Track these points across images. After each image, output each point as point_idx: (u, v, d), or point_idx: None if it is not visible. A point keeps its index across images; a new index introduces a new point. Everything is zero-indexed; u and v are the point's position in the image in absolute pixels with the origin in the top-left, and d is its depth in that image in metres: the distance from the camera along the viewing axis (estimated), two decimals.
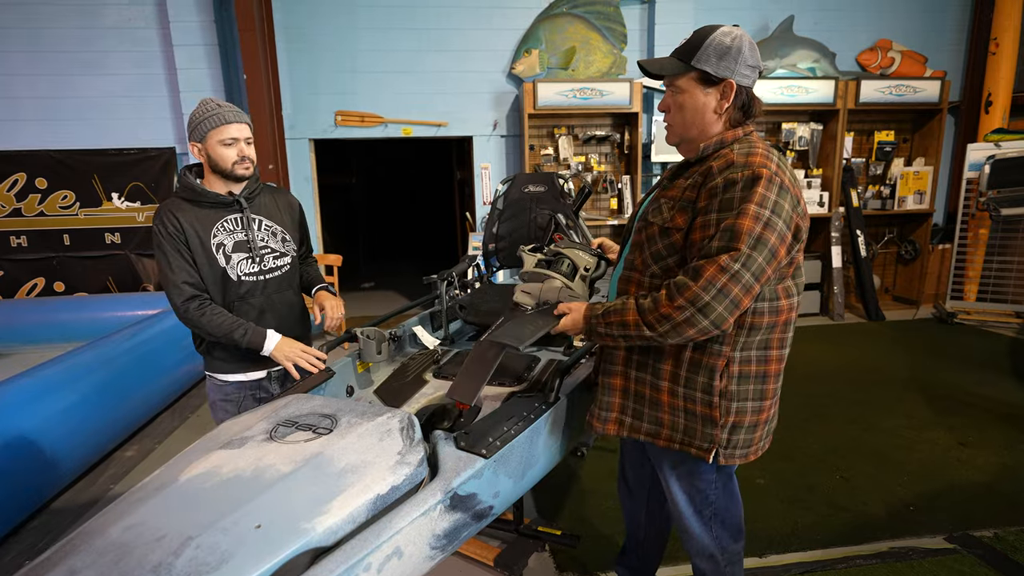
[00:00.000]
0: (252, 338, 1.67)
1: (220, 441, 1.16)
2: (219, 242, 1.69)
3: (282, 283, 1.82)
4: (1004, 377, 3.81)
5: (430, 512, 1.09)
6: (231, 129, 1.65)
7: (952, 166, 5.91)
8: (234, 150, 1.66)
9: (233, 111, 1.66)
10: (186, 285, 1.64)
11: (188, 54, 4.69)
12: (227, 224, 1.71)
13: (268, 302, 1.79)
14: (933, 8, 5.67)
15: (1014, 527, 2.23)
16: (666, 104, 1.28)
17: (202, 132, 1.64)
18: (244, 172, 1.70)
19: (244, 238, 1.73)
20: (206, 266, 1.67)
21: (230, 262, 1.70)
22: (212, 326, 1.65)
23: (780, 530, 2.24)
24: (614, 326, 1.25)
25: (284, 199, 1.89)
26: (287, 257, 1.83)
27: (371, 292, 7.53)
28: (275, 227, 1.81)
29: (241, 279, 1.72)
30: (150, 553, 0.86)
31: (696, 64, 1.19)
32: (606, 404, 1.41)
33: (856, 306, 5.64)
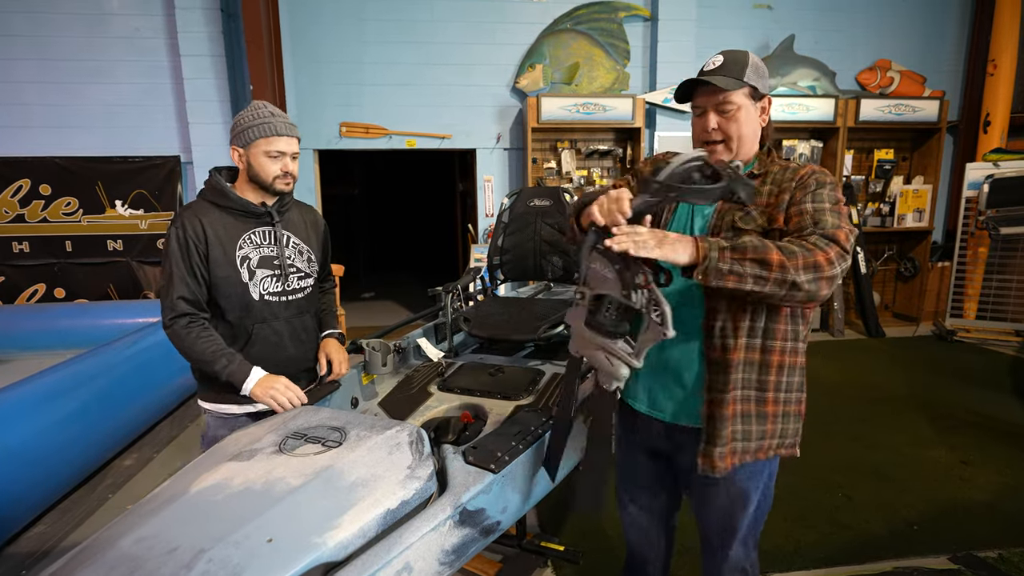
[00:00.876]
0: (235, 371, 1.51)
1: (230, 453, 1.15)
2: (244, 255, 1.57)
3: (303, 306, 1.71)
4: (1005, 395, 3.81)
5: (440, 527, 1.09)
6: (280, 142, 1.56)
7: (951, 185, 5.96)
8: (279, 164, 1.57)
9: (286, 123, 1.58)
10: (181, 301, 1.51)
11: (195, 64, 4.73)
12: (255, 236, 1.60)
13: (290, 327, 1.67)
14: (932, 29, 5.76)
15: (1018, 547, 2.22)
16: (716, 122, 1.25)
17: (248, 138, 1.54)
18: (284, 188, 1.61)
19: (271, 254, 1.61)
20: (226, 279, 1.55)
21: (254, 278, 1.58)
22: (194, 348, 1.50)
23: (783, 548, 2.23)
24: (747, 263, 1.08)
25: (312, 216, 1.80)
26: (311, 279, 1.73)
27: (371, 302, 7.53)
28: (302, 245, 1.71)
29: (265, 298, 1.60)
30: (162, 566, 0.86)
31: (747, 80, 1.23)
32: (722, 439, 1.26)
33: (856, 322, 5.66)
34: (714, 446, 1.26)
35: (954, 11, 5.77)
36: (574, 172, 5.37)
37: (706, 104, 1.24)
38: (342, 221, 8.87)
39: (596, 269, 1.12)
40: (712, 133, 1.24)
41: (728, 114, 1.23)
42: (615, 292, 1.09)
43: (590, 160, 5.46)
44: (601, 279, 1.11)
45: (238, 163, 1.59)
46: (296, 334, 1.69)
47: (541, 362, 2.22)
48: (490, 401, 1.85)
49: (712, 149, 1.25)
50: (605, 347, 1.11)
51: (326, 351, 1.77)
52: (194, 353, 1.51)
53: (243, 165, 1.58)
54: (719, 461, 1.27)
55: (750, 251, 1.08)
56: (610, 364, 1.11)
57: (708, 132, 1.24)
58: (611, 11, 5.26)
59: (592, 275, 1.12)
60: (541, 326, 2.17)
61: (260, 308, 1.59)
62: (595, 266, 1.12)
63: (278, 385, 1.52)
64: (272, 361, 1.61)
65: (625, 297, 1.09)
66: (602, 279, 1.11)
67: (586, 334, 1.12)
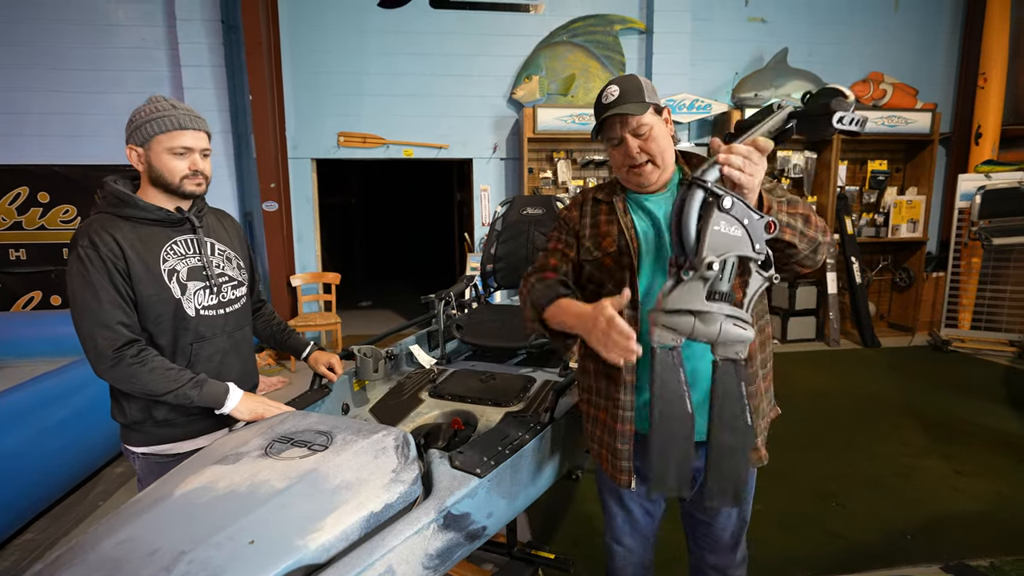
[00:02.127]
0: (210, 392, 1.36)
1: (215, 456, 1.16)
2: (171, 268, 1.37)
3: (241, 318, 1.54)
4: (999, 405, 3.81)
5: (423, 531, 1.09)
6: (185, 137, 1.35)
7: (944, 196, 6.00)
8: (186, 162, 1.36)
9: (190, 115, 1.37)
10: (121, 327, 1.29)
11: (195, 75, 4.78)
12: (177, 247, 1.40)
13: (232, 342, 1.50)
14: (923, 42, 5.83)
15: (1010, 556, 2.21)
16: (638, 146, 1.26)
17: (147, 134, 1.33)
18: (195, 189, 1.40)
19: (199, 264, 1.42)
20: (154, 298, 1.34)
21: (186, 292, 1.39)
22: (154, 380, 1.30)
23: (776, 557, 2.23)
24: (799, 218, 1.11)
25: (230, 221, 1.62)
26: (244, 287, 1.55)
27: (369, 311, 7.54)
28: (229, 252, 1.53)
29: (200, 314, 1.41)
30: (142, 568, 0.86)
31: (649, 100, 1.26)
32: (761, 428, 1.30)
33: (852, 332, 5.67)
34: (755, 437, 1.30)
35: (945, 25, 5.86)
36: (570, 182, 5.40)
37: (622, 133, 1.26)
38: (340, 230, 8.90)
39: (721, 231, 0.98)
40: (638, 156, 1.26)
41: (644, 136, 1.25)
42: (746, 249, 1.00)
43: (586, 170, 5.50)
44: (729, 240, 0.99)
45: (137, 165, 1.38)
46: (239, 349, 1.52)
47: (533, 369, 2.23)
48: (481, 408, 1.86)
49: (641, 170, 1.27)
50: (733, 314, 1.00)
51: (327, 363, 1.75)
52: (154, 384, 1.30)
53: (143, 167, 1.37)
54: (763, 448, 1.33)
55: (800, 207, 1.12)
56: (742, 329, 1.00)
57: (633, 157, 1.26)
58: (607, 24, 5.33)
59: (717, 238, 0.98)
60: (533, 334, 2.18)
61: (198, 325, 1.41)
62: (719, 227, 0.98)
63: (266, 404, 1.42)
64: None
65: (757, 251, 1.00)
66: (731, 239, 0.99)
67: (711, 308, 0.99)
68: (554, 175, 5.44)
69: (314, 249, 5.45)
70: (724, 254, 0.98)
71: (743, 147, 0.99)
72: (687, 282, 1.00)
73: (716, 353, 1.03)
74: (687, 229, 0.99)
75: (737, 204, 0.99)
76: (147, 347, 1.34)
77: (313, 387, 1.78)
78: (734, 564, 1.46)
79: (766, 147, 1.00)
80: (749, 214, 1.00)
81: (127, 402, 1.39)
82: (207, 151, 1.42)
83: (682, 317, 1.00)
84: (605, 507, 1.52)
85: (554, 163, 5.43)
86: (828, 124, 1.03)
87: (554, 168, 5.44)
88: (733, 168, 0.98)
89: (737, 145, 1.00)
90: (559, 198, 2.74)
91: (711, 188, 0.98)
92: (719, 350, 1.02)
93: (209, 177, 1.44)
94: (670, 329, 1.00)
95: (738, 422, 1.04)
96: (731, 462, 1.04)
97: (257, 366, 1.66)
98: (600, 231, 1.34)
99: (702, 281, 0.99)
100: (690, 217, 0.99)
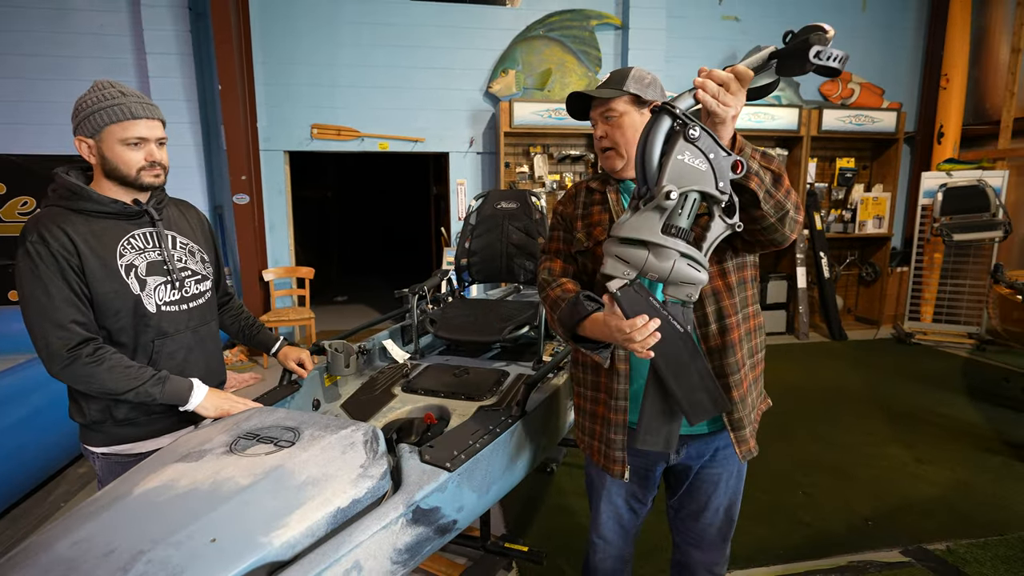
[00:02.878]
0: (173, 389, 1.32)
1: (178, 454, 1.13)
2: (128, 263, 1.32)
3: (206, 313, 1.49)
4: (958, 396, 3.96)
5: (391, 526, 1.08)
6: (139, 127, 1.29)
7: (908, 192, 6.19)
8: (141, 153, 1.31)
9: (142, 103, 1.30)
10: (76, 325, 1.24)
11: (161, 63, 4.64)
12: (135, 241, 1.34)
13: (196, 338, 1.45)
14: (890, 44, 5.98)
15: (965, 540, 2.31)
16: (603, 131, 1.30)
17: (97, 124, 1.27)
18: (153, 181, 1.34)
19: (159, 258, 1.37)
20: (111, 295, 1.29)
21: (145, 288, 1.33)
22: (114, 378, 1.25)
23: (745, 546, 2.27)
24: (769, 173, 1.06)
25: (193, 213, 1.56)
26: (208, 281, 1.50)
27: (343, 306, 7.45)
28: (192, 245, 1.47)
29: (161, 310, 1.36)
30: (98, 569, 0.84)
31: (627, 88, 1.28)
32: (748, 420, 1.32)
33: (820, 326, 5.81)
34: (743, 429, 1.30)
35: (910, 27, 6.02)
36: (546, 176, 5.41)
37: (595, 116, 1.31)
38: (314, 224, 8.76)
39: (684, 161, 0.93)
40: (601, 141, 1.30)
41: (612, 121, 1.28)
42: (709, 186, 0.95)
43: (562, 165, 5.52)
44: (692, 172, 0.93)
45: (89, 157, 1.31)
46: (203, 345, 1.47)
47: (506, 363, 2.23)
48: (454, 402, 1.86)
49: (607, 155, 1.31)
50: (689, 253, 0.95)
51: (297, 358, 1.72)
52: (114, 382, 1.25)
53: (96, 159, 1.30)
54: (752, 440, 1.33)
55: (774, 164, 1.08)
56: (696, 271, 0.96)
57: (599, 140, 1.31)
58: (583, 19, 5.33)
59: (679, 169, 0.93)
60: (506, 327, 2.19)
61: (159, 321, 1.36)
62: (683, 157, 0.93)
63: (232, 401, 1.39)
64: None
65: (720, 190, 0.95)
66: (694, 172, 0.93)
67: (665, 243, 0.94)
68: (531, 170, 5.44)
69: (287, 243, 5.35)
70: (685, 187, 0.94)
71: (722, 73, 0.95)
72: (643, 211, 0.95)
73: (666, 293, 0.99)
74: (650, 156, 0.95)
75: (704, 136, 0.93)
76: (104, 345, 1.29)
77: (283, 383, 1.76)
78: (720, 561, 1.46)
79: (745, 75, 0.95)
80: (716, 149, 0.94)
81: (86, 402, 1.34)
82: (163, 140, 1.36)
83: (635, 248, 0.95)
84: (592, 503, 1.51)
85: (531, 157, 5.43)
86: (805, 59, 0.95)
87: (531, 162, 5.43)
88: (708, 94, 0.94)
89: (714, 72, 0.95)
90: (534, 192, 2.74)
91: (679, 115, 0.93)
92: (669, 290, 0.98)
93: (167, 167, 1.38)
94: (622, 260, 0.96)
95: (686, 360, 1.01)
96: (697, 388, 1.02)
97: (225, 362, 1.63)
98: (592, 221, 1.33)
99: (659, 211, 0.94)
100: (654, 144, 0.94)
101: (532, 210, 2.64)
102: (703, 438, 1.33)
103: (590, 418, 1.37)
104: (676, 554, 1.53)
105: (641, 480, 1.41)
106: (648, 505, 1.48)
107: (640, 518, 1.50)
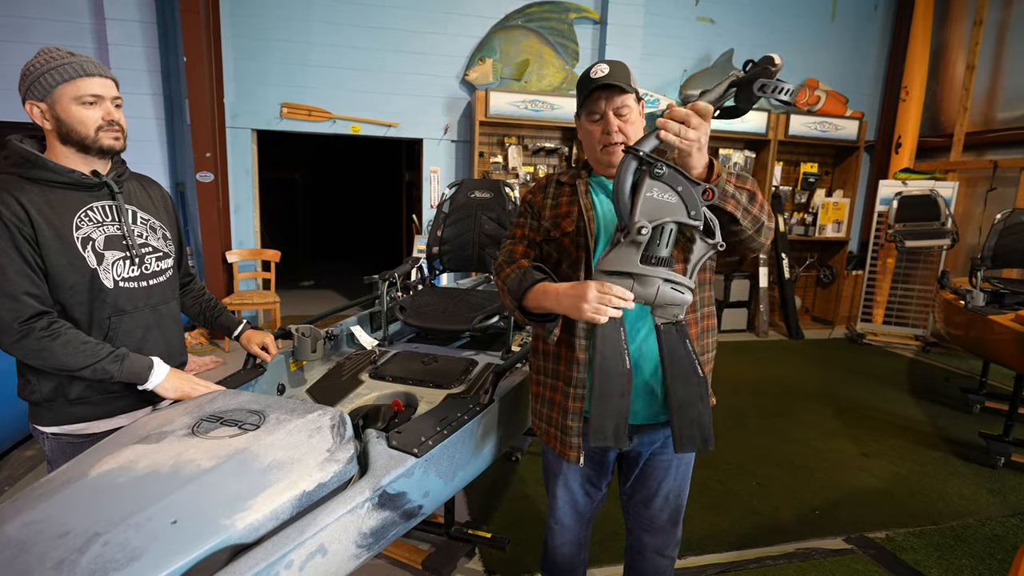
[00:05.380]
0: (132, 367, 1.28)
1: (137, 436, 1.10)
2: (85, 235, 1.26)
3: (167, 291, 1.45)
4: (903, 394, 4.18)
5: (357, 510, 1.08)
6: (93, 84, 1.23)
7: (866, 199, 6.44)
8: (99, 111, 1.25)
9: (92, 62, 1.25)
10: (29, 298, 1.19)
11: (122, 30, 4.42)
12: (93, 213, 1.29)
13: (156, 316, 1.41)
14: (855, 54, 6.19)
15: (903, 529, 2.45)
16: (618, 126, 1.29)
17: (48, 85, 1.21)
18: (113, 143, 1.28)
19: (117, 232, 1.32)
20: (66, 268, 1.24)
21: (103, 262, 1.28)
22: (69, 354, 1.21)
23: (698, 533, 2.36)
24: (744, 193, 1.14)
25: (156, 188, 1.51)
26: (170, 259, 1.46)
27: (310, 291, 7.31)
28: (153, 221, 1.42)
29: (120, 286, 1.32)
30: (51, 550, 0.82)
31: (633, 86, 1.30)
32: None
33: (779, 324, 6.02)
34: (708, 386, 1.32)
35: (875, 38, 6.24)
36: (520, 168, 5.41)
37: (605, 109, 1.28)
38: (283, 206, 8.55)
39: (654, 197, 1.03)
40: (615, 135, 1.29)
41: (624, 117, 1.29)
42: (681, 215, 1.03)
43: (536, 157, 5.53)
44: (663, 206, 1.03)
45: (42, 122, 1.24)
46: (163, 324, 1.43)
47: (475, 352, 2.24)
48: (422, 389, 1.86)
49: (614, 150, 1.29)
50: (670, 278, 1.05)
51: (260, 342, 1.69)
52: (68, 358, 1.21)
53: (51, 124, 1.24)
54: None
55: (749, 183, 1.16)
56: (680, 293, 1.06)
57: (611, 134, 1.28)
58: (562, 11, 5.33)
59: (650, 205, 1.02)
60: (476, 317, 2.20)
61: (116, 298, 1.31)
62: (652, 194, 1.03)
63: (193, 383, 1.36)
64: None
65: (693, 218, 1.04)
66: (665, 206, 1.03)
67: (647, 272, 1.04)
68: (505, 160, 5.43)
69: (253, 225, 5.21)
70: (658, 220, 1.03)
71: (680, 111, 1.03)
72: (622, 245, 1.05)
73: (655, 315, 1.10)
74: (622, 196, 1.05)
75: (670, 172, 1.03)
76: (59, 320, 1.25)
77: (247, 367, 1.73)
78: (671, 544, 1.53)
79: (704, 111, 1.03)
80: (683, 182, 1.03)
81: (37, 378, 1.29)
82: (118, 100, 1.30)
83: (620, 279, 1.06)
84: (549, 489, 1.55)
85: (505, 148, 5.42)
86: (751, 91, 1.06)
87: (505, 153, 5.43)
88: (669, 133, 1.02)
89: (675, 110, 1.03)
90: (508, 183, 2.74)
91: (643, 156, 1.03)
92: (657, 312, 1.09)
93: (126, 130, 1.32)
94: None
95: (690, 375, 1.12)
96: (692, 411, 1.13)
97: (186, 344, 1.59)
98: (560, 212, 1.36)
99: (635, 245, 1.04)
100: (624, 184, 1.05)
101: (506, 201, 2.65)
102: (654, 427, 1.38)
103: (548, 405, 1.41)
104: (629, 538, 1.59)
105: (596, 465, 1.47)
106: (602, 490, 1.53)
107: (595, 502, 1.55)
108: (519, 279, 1.27)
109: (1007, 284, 3.39)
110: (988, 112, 5.53)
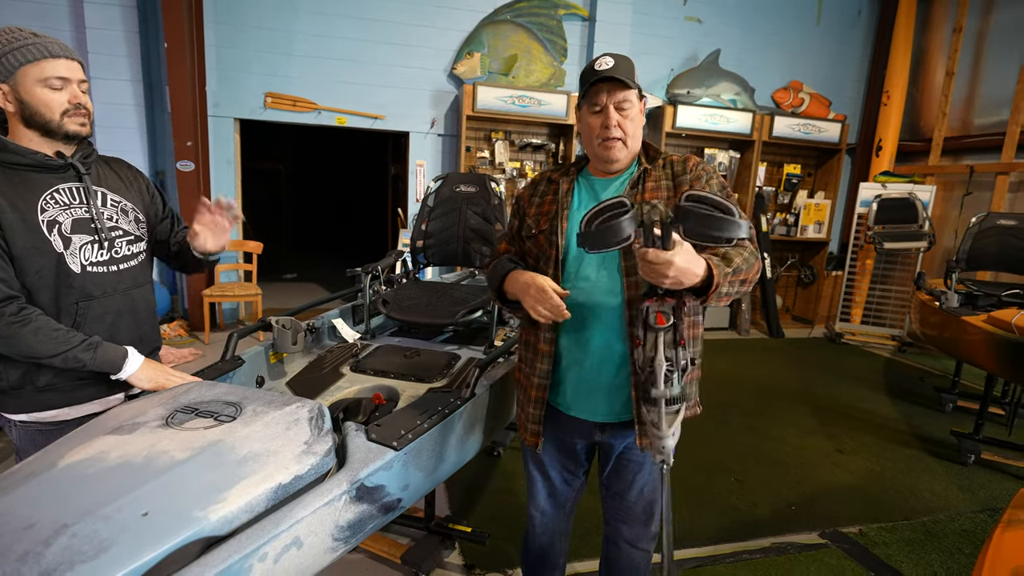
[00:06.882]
0: (105, 356, 1.25)
1: (108, 427, 1.08)
2: (51, 218, 1.23)
3: (139, 276, 1.41)
4: (879, 392, 4.26)
5: (334, 502, 1.08)
6: (59, 66, 1.20)
7: (847, 201, 6.55)
8: (65, 95, 1.22)
9: (58, 44, 1.22)
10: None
11: (101, 13, 4.31)
12: (59, 196, 1.25)
13: (127, 301, 1.37)
14: (838, 57, 6.28)
15: (875, 524, 2.50)
16: (617, 120, 1.28)
17: (10, 66, 1.17)
18: (78, 129, 1.26)
19: (85, 215, 1.28)
20: (32, 252, 1.20)
21: (70, 246, 1.25)
22: (40, 341, 1.18)
23: (677, 527, 2.38)
24: (737, 283, 1.18)
25: (127, 169, 1.46)
26: (143, 243, 1.42)
27: (293, 283, 7.23)
28: (124, 203, 1.38)
29: (87, 270, 1.28)
30: (16, 543, 0.80)
31: (637, 81, 1.30)
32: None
33: (760, 323, 6.10)
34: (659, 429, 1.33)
35: (859, 43, 6.33)
36: (507, 163, 5.40)
37: (607, 102, 1.28)
38: (266, 198, 8.44)
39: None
40: (614, 129, 1.28)
41: (625, 112, 1.29)
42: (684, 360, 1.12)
43: (523, 152, 5.52)
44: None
45: (4, 104, 1.21)
46: (135, 310, 1.40)
47: (458, 347, 2.24)
48: (403, 383, 1.85)
49: (612, 144, 1.29)
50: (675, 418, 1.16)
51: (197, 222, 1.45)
52: (39, 346, 1.18)
53: (14, 106, 1.20)
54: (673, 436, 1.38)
55: (741, 273, 1.18)
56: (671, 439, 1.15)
57: (609, 128, 1.28)
58: (551, 7, 5.32)
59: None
60: (459, 311, 2.19)
61: (84, 282, 1.28)
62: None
63: (166, 373, 1.33)
64: None
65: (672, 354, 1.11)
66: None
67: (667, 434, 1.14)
68: (491, 155, 5.42)
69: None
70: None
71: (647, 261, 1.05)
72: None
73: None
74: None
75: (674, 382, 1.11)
76: (29, 305, 1.22)
77: (224, 358, 1.70)
78: (646, 537, 1.54)
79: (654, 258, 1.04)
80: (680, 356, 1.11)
81: (3, 365, 1.25)
82: (85, 83, 1.27)
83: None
84: (528, 476, 1.58)
85: (492, 143, 5.40)
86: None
87: (492, 148, 5.41)
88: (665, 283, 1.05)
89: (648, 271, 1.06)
90: (494, 178, 2.73)
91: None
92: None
93: (92, 115, 1.30)
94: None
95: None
96: None
97: (160, 332, 1.56)
98: (543, 210, 1.38)
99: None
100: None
101: (491, 195, 2.64)
102: (624, 424, 1.39)
103: (523, 391, 1.47)
104: (606, 529, 1.60)
105: (569, 452, 1.50)
106: (580, 478, 1.56)
107: (573, 491, 1.57)
108: (497, 268, 1.38)
109: (980, 286, 3.47)
110: (966, 118, 5.65)
